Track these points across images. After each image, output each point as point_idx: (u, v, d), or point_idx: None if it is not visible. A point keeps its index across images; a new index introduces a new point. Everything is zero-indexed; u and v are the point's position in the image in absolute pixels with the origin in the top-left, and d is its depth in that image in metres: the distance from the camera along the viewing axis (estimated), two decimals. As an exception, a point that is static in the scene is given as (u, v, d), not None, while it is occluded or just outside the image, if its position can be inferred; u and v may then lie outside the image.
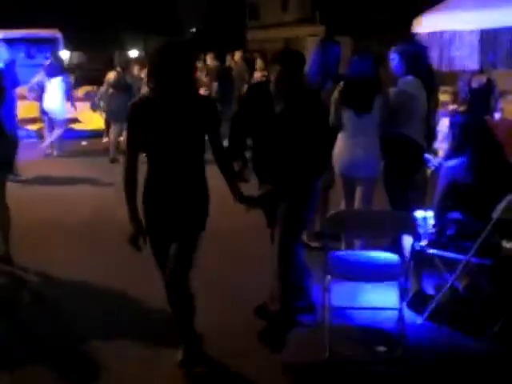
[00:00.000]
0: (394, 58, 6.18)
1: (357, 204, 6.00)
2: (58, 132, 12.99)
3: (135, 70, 13.72)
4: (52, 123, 13.02)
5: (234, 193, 4.41)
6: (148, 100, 4.10)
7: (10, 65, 10.09)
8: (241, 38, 49.25)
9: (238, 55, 16.77)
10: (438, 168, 6.14)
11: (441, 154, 6.18)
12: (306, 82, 5.08)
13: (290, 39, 42.02)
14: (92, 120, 15.44)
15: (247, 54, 16.81)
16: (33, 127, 15.00)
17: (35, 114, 13.82)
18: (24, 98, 12.59)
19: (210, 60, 16.25)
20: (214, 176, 4.38)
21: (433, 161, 6.18)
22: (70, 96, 13.16)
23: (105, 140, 14.19)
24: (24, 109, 12.49)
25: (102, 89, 13.32)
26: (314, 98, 4.93)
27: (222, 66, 14.97)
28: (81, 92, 18.40)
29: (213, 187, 4.27)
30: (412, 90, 5.99)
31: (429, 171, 6.33)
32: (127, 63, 13.44)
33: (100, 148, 13.81)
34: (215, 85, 14.09)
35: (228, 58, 15.94)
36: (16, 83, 10.12)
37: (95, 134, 15.02)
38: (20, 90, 11.23)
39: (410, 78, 6.04)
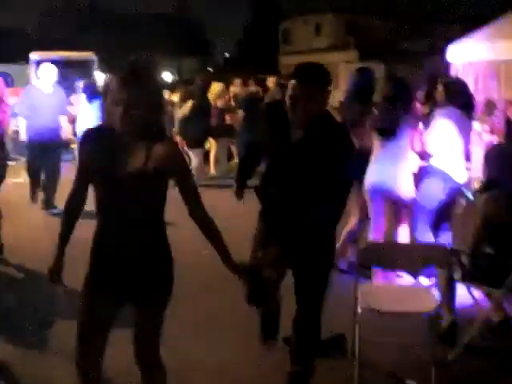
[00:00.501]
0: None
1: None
2: None
3: (167, 94, 13.78)
4: None
5: (226, 264, 3.41)
6: (102, 129, 3.30)
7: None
8: (274, 63, 49.54)
9: (271, 81, 16.81)
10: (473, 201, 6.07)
11: (476, 185, 6.14)
12: (327, 103, 3.98)
13: (323, 64, 42.14)
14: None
15: (281, 79, 16.77)
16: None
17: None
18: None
19: (236, 86, 16.21)
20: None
21: (468, 194, 6.14)
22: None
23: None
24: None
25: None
26: (341, 130, 4.03)
27: (250, 92, 14.57)
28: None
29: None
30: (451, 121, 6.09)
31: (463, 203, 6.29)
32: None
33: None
34: (240, 112, 13.57)
35: (251, 82, 15.62)
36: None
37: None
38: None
39: (450, 108, 6.15)
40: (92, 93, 12.42)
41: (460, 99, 6.20)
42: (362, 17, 44.98)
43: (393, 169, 6.07)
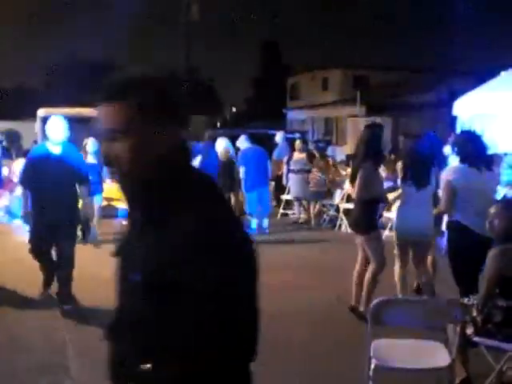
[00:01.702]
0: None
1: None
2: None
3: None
4: None
5: None
6: None
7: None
8: (281, 117, 49.95)
9: (279, 135, 16.94)
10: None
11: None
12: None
13: (330, 119, 42.46)
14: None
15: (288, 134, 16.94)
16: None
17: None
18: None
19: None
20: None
21: None
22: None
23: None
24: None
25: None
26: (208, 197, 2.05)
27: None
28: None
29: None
30: (462, 177, 6.24)
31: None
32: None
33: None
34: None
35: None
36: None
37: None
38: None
39: (456, 165, 6.41)
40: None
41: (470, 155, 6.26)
42: (368, 71, 45.48)
43: (427, 214, 7.07)
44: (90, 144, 12.82)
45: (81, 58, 68.61)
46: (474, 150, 6.29)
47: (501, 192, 7.58)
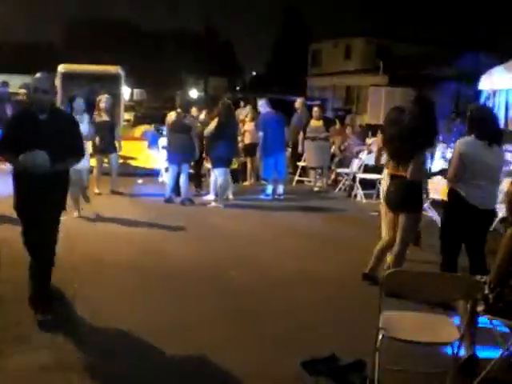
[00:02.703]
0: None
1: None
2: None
3: (194, 111, 13.75)
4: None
5: None
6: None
7: None
8: (302, 84, 49.63)
9: (299, 102, 16.83)
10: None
11: (500, 215, 6.15)
12: None
13: (352, 87, 42.18)
14: (148, 159, 15.64)
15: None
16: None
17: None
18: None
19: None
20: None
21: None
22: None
23: (161, 179, 14.30)
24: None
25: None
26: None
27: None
28: (138, 131, 18.67)
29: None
30: (472, 150, 6.27)
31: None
32: (188, 104, 13.30)
33: (156, 187, 13.97)
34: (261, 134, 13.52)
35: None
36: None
37: (151, 173, 15.13)
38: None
39: (468, 138, 6.35)
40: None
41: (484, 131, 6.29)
42: (391, 42, 45.07)
43: None
44: (104, 101, 12.73)
45: (97, 16, 68.42)
46: (485, 126, 6.32)
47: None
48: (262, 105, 13.69)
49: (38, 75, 5.82)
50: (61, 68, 18.79)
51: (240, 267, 7.96)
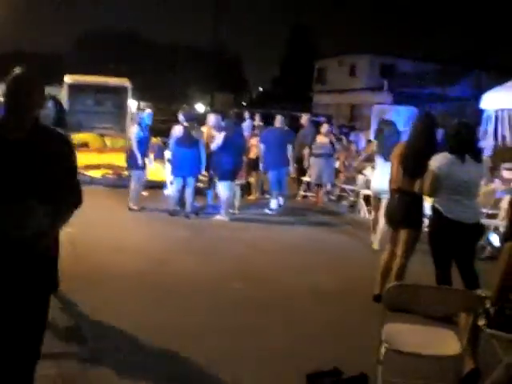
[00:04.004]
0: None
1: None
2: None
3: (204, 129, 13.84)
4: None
5: None
6: None
7: None
8: (307, 100, 49.81)
9: (304, 118, 16.95)
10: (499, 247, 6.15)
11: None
12: None
13: (356, 105, 42.31)
14: (155, 171, 15.71)
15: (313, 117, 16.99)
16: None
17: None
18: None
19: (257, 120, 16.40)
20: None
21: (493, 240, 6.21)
22: None
23: (166, 192, 14.36)
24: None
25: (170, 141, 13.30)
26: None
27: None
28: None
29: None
30: (446, 166, 6.36)
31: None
32: (194, 118, 13.37)
33: (161, 199, 14.03)
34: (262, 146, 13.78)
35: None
36: None
37: (157, 185, 15.18)
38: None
39: (442, 154, 6.44)
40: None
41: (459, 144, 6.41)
42: (395, 60, 45.28)
43: None
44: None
45: (107, 27, 68.62)
46: (461, 140, 6.39)
47: None
48: (279, 121, 13.89)
49: (16, 71, 3.56)
50: (67, 79, 18.81)
51: (244, 280, 8.03)
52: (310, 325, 6.52)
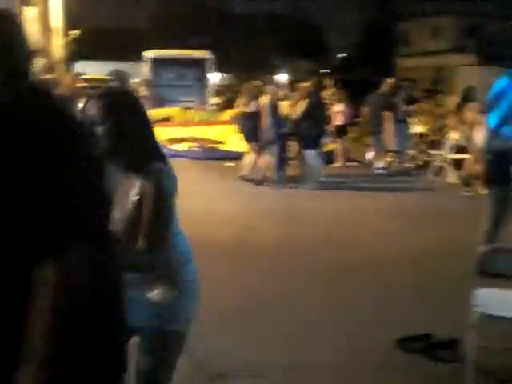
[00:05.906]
0: None
1: None
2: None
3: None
4: None
5: None
6: None
7: None
8: (391, 65, 48.97)
9: (388, 83, 16.64)
10: None
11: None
12: None
13: (441, 68, 41.34)
14: (237, 142, 15.74)
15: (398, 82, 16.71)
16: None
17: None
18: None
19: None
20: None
21: None
22: None
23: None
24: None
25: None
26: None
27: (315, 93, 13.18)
28: (226, 115, 18.79)
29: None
30: None
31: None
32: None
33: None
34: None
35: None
36: None
37: (240, 156, 15.18)
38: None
39: None
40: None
41: None
42: (482, 20, 43.95)
43: None
44: None
45: (183, 1, 68.63)
46: None
47: None
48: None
49: None
50: (150, 53, 18.98)
51: (330, 247, 8.01)
52: (398, 291, 6.42)
